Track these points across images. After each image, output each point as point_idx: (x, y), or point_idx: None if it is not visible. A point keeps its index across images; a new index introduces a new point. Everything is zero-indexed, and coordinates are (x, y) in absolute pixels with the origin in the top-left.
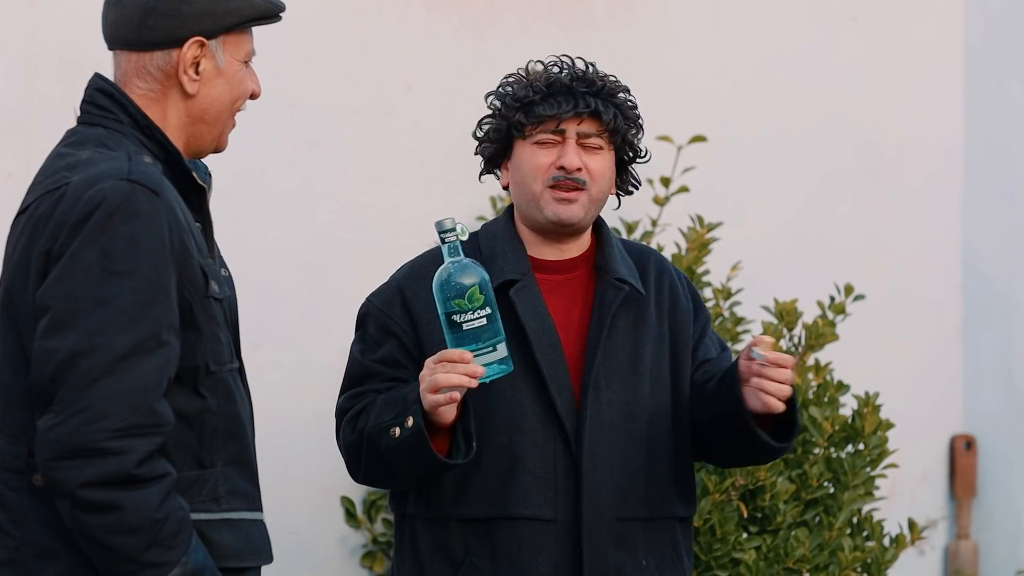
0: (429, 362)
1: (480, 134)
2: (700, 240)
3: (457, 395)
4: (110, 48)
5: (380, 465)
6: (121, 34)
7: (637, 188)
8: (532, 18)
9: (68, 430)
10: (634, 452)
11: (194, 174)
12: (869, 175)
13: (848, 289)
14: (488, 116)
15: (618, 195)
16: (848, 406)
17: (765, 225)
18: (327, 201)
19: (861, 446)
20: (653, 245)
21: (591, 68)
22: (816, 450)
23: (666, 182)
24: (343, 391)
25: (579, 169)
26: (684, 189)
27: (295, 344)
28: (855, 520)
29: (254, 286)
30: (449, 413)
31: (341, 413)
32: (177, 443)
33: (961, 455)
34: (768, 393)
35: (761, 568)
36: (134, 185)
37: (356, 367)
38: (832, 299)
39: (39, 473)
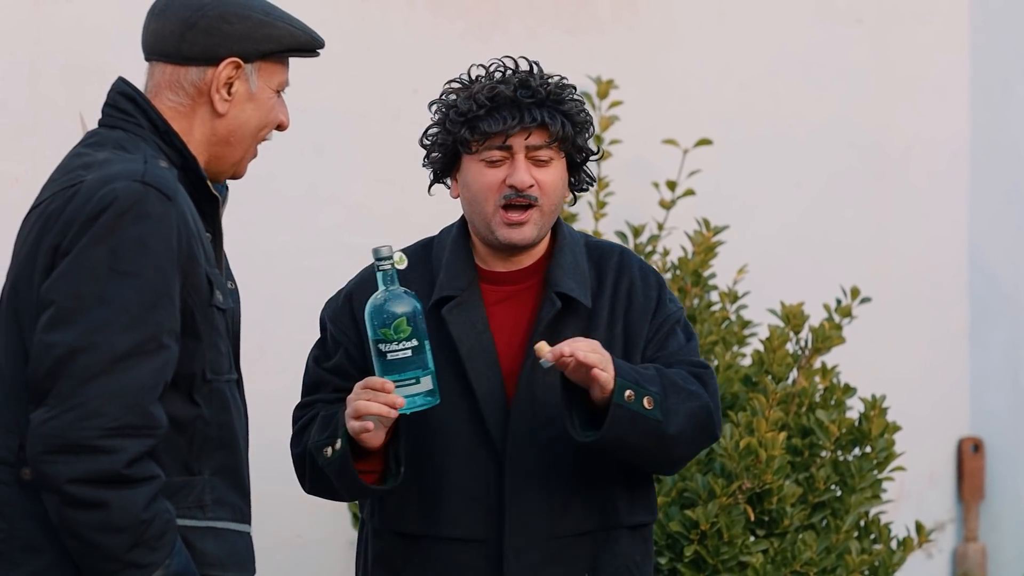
0: (357, 386)
1: (427, 143)
2: (706, 243)
3: (371, 424)
4: (147, 59)
5: (322, 480)
6: (160, 45)
7: (592, 185)
8: (537, 22)
9: (61, 425)
10: (573, 468)
11: (208, 183)
12: (875, 176)
13: (855, 292)
14: (433, 126)
15: (574, 194)
16: (855, 409)
17: (771, 227)
18: (333, 205)
19: (868, 449)
20: (659, 249)
21: (535, 70)
22: (823, 453)
23: (672, 185)
24: (301, 398)
25: (531, 186)
26: (690, 192)
27: (301, 348)
28: (862, 523)
29: (261, 290)
30: (375, 438)
31: (294, 422)
32: (167, 448)
33: (969, 457)
34: (582, 364)
35: (768, 571)
36: (147, 188)
37: (310, 375)
38: (838, 302)
39: (29, 466)
